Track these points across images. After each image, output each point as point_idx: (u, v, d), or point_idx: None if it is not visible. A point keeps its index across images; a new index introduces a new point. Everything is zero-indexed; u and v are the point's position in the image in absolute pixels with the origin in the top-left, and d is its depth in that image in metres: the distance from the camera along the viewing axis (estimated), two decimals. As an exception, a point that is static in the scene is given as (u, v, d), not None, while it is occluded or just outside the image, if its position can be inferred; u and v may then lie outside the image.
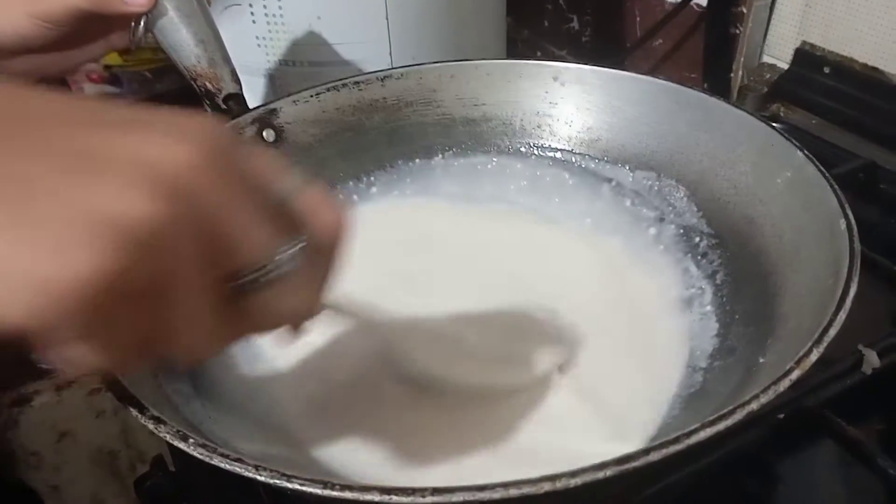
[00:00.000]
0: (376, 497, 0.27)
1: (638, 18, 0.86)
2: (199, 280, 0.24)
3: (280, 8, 0.65)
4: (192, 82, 0.52)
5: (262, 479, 0.28)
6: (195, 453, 0.29)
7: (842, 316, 0.33)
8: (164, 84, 0.94)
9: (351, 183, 0.57)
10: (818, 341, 0.32)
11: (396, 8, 0.65)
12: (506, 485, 0.27)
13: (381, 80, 0.57)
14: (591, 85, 0.56)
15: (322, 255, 0.28)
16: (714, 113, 0.50)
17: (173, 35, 0.50)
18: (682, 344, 0.44)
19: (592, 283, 0.49)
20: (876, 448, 0.39)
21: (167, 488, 0.49)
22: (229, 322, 0.26)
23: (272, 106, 0.54)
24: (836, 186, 0.41)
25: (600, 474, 0.27)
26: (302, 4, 0.65)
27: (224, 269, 0.25)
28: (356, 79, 0.57)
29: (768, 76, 0.70)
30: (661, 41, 0.84)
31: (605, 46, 0.93)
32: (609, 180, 0.55)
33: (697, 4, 0.77)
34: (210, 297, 0.25)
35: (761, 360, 0.38)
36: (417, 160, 0.58)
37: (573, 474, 0.27)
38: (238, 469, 0.28)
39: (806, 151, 0.44)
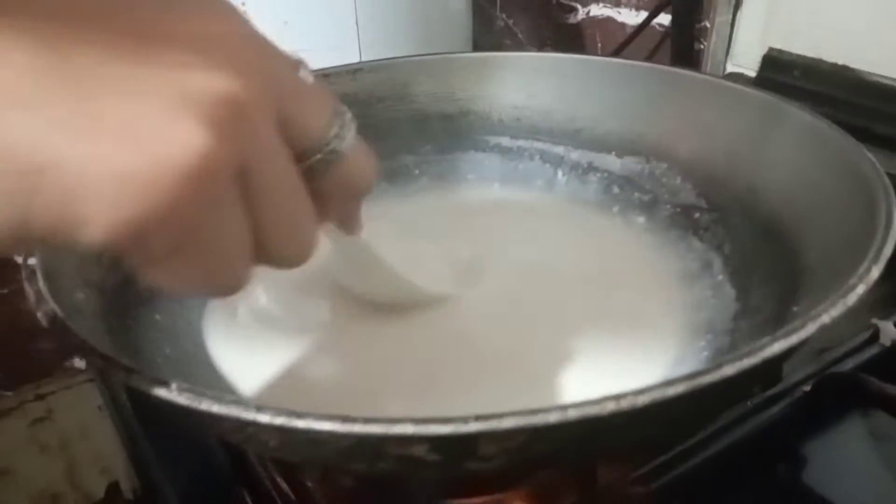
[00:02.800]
0: (409, 429, 0.22)
1: (600, 44, 0.86)
2: (283, 159, 0.22)
3: (245, 13, 0.62)
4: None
5: (264, 420, 0.23)
6: (181, 400, 0.24)
7: (892, 237, 0.30)
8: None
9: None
10: (875, 258, 0.29)
11: (365, 13, 0.63)
12: (563, 407, 0.22)
13: (352, 73, 0.54)
14: (569, 75, 0.54)
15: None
16: (699, 89, 0.49)
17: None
18: (696, 312, 0.41)
19: (585, 261, 0.46)
20: None
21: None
22: (315, 205, 0.24)
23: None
24: (849, 135, 0.39)
25: (670, 391, 0.23)
26: (268, 9, 0.63)
27: (293, 144, 0.23)
28: (326, 71, 0.54)
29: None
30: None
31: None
32: (596, 169, 0.53)
33: (660, 24, 0.78)
34: (296, 177, 0.23)
35: (795, 309, 0.35)
36: (390, 160, 0.55)
37: (640, 392, 0.23)
38: (235, 413, 0.23)
39: (810, 111, 0.42)
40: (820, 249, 0.37)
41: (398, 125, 0.55)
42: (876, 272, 0.28)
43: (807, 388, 0.40)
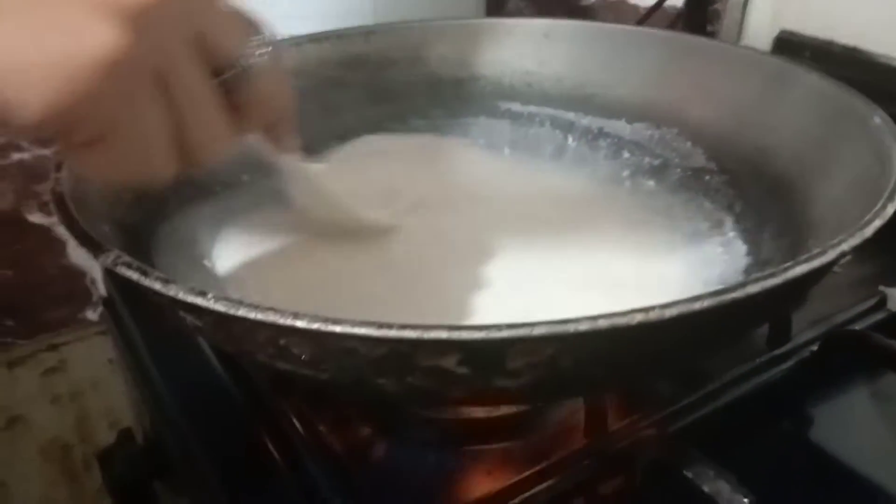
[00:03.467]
0: (444, 334, 0.23)
1: None
2: (197, 63, 0.25)
3: None
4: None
5: (302, 325, 0.23)
6: (216, 307, 0.24)
7: (908, 178, 0.31)
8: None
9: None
10: (891, 197, 0.30)
11: None
12: (594, 318, 0.23)
13: (366, 35, 0.55)
14: (580, 40, 0.55)
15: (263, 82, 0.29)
16: (709, 54, 0.50)
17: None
18: (706, 268, 0.42)
19: (591, 222, 0.47)
20: None
21: (137, 464, 0.43)
22: (234, 117, 0.28)
23: (252, 51, 0.51)
24: (857, 92, 0.40)
25: (696, 305, 0.24)
26: None
27: (209, 57, 0.26)
28: (339, 32, 0.54)
29: None
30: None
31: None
32: (607, 134, 0.53)
33: (672, 6, 0.78)
34: (209, 84, 0.26)
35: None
36: (400, 123, 0.56)
37: (667, 306, 0.24)
38: (272, 318, 0.24)
39: (816, 71, 0.43)
40: (829, 202, 0.38)
41: (410, 88, 0.56)
42: (891, 209, 0.29)
43: (815, 348, 0.41)
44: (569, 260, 0.43)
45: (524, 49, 0.56)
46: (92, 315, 0.81)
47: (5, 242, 0.75)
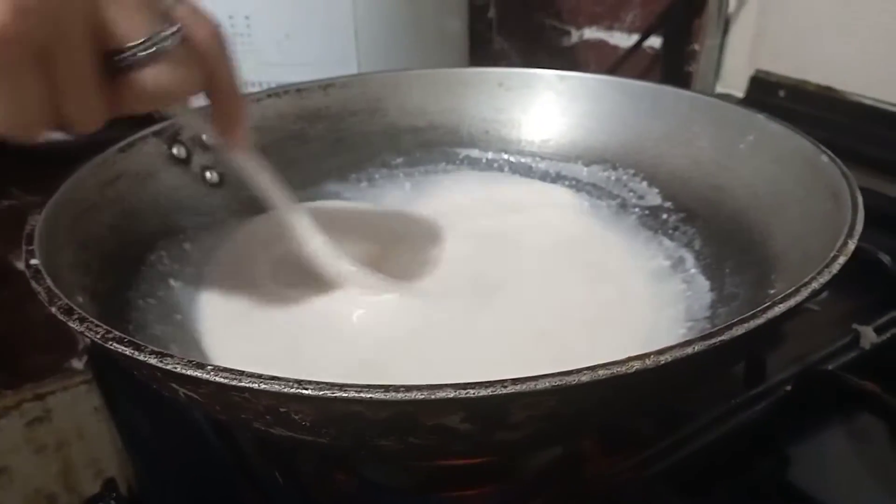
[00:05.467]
0: (450, 394, 0.23)
1: (593, 66, 0.90)
2: (83, 47, 0.28)
3: (248, 27, 0.63)
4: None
5: (308, 392, 0.23)
6: (218, 379, 0.24)
7: (861, 215, 0.33)
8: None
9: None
10: (850, 234, 0.32)
11: (365, 29, 0.65)
12: (594, 367, 0.24)
13: (324, 88, 0.56)
14: (535, 87, 0.56)
15: (200, 45, 0.32)
16: (663, 99, 0.52)
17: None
18: (671, 305, 0.43)
19: (557, 262, 0.48)
20: (893, 399, 0.39)
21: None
22: (112, 91, 0.30)
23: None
24: (804, 133, 0.42)
25: (688, 350, 0.25)
26: (270, 23, 0.64)
27: (104, 42, 0.29)
28: (298, 86, 0.55)
29: None
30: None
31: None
32: (564, 177, 0.55)
33: (651, 47, 0.81)
34: (93, 64, 0.29)
35: (771, 291, 0.37)
36: (363, 172, 0.56)
37: (662, 352, 0.24)
38: (277, 388, 0.23)
39: (765, 113, 0.45)
40: (788, 237, 0.40)
41: (370, 139, 0.57)
42: (852, 245, 0.31)
43: (789, 387, 0.42)
44: (535, 303, 0.43)
45: (480, 97, 0.57)
46: (77, 364, 0.79)
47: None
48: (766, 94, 0.73)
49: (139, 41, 0.30)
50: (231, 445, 0.39)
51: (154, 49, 0.30)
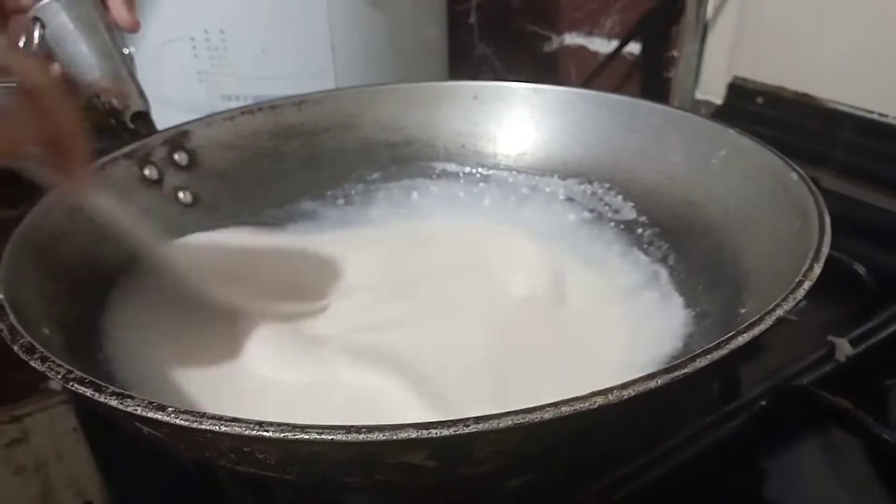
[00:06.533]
0: (413, 433, 0.23)
1: (573, 72, 0.90)
2: None
3: (223, 42, 0.63)
4: (95, 100, 0.47)
5: (269, 434, 0.23)
6: (178, 421, 0.24)
7: (827, 237, 0.33)
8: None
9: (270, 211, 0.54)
10: (816, 258, 0.32)
11: (342, 41, 0.65)
12: (556, 404, 0.24)
13: (298, 104, 0.55)
14: (510, 101, 0.56)
15: (36, 96, 0.30)
16: (638, 113, 0.52)
17: (73, 47, 0.46)
18: (646, 322, 0.43)
19: (531, 279, 0.48)
20: (865, 417, 0.39)
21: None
22: None
23: (184, 128, 0.51)
24: (774, 149, 0.42)
25: (651, 384, 0.25)
26: (246, 37, 0.64)
27: None
28: (272, 103, 0.55)
29: (703, 111, 0.74)
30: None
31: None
32: (539, 190, 0.55)
33: (630, 53, 0.81)
34: None
35: (742, 311, 0.37)
36: (339, 188, 0.56)
37: (624, 386, 0.24)
38: (237, 430, 0.23)
39: (737, 129, 0.46)
40: (759, 254, 0.40)
41: (345, 154, 0.56)
42: (818, 269, 0.31)
43: (764, 402, 0.42)
44: (504, 325, 0.43)
45: (455, 111, 0.57)
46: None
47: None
48: (743, 100, 0.73)
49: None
50: (206, 472, 0.39)
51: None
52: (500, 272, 0.48)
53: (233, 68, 0.64)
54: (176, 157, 0.50)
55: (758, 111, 0.72)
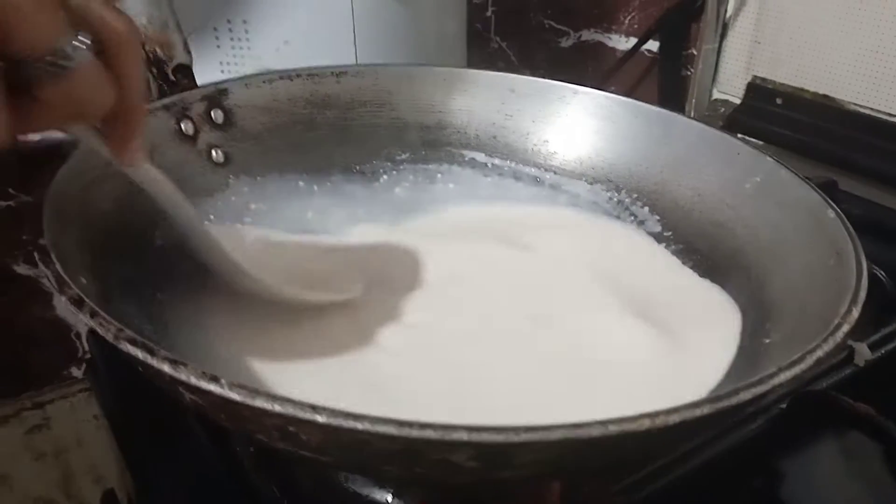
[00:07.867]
0: (463, 436, 0.23)
1: (590, 68, 0.89)
2: None
3: (246, 32, 0.62)
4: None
5: (321, 420, 0.23)
6: (232, 395, 0.24)
7: (865, 282, 0.34)
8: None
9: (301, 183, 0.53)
10: (854, 300, 0.32)
11: (364, 32, 0.64)
12: (604, 422, 0.24)
13: (337, 75, 0.55)
14: (547, 98, 0.56)
15: (112, 55, 0.28)
16: (674, 127, 0.52)
17: (125, -8, 0.45)
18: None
19: (558, 286, 0.48)
20: (887, 422, 0.40)
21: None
22: (17, 108, 0.26)
23: (223, 86, 0.50)
24: (812, 184, 0.43)
25: (697, 412, 0.25)
26: (269, 28, 0.63)
27: (17, 55, 0.25)
28: (311, 70, 0.54)
29: (722, 111, 0.74)
30: (613, 88, 0.87)
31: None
32: (566, 193, 0.55)
33: (649, 50, 0.81)
34: None
35: (767, 341, 0.38)
36: (367, 164, 0.56)
37: (670, 411, 0.25)
38: (290, 411, 0.24)
39: (775, 157, 0.46)
40: (786, 286, 0.40)
41: (377, 131, 0.56)
42: (856, 313, 0.32)
43: (783, 406, 0.43)
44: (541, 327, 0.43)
45: (492, 102, 0.57)
46: (77, 372, 0.79)
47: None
48: (763, 100, 0.73)
49: (44, 54, 0.26)
50: (230, 459, 0.39)
51: (64, 63, 0.26)
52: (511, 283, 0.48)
53: (255, 59, 0.64)
54: (213, 114, 0.49)
55: (777, 112, 0.72)
